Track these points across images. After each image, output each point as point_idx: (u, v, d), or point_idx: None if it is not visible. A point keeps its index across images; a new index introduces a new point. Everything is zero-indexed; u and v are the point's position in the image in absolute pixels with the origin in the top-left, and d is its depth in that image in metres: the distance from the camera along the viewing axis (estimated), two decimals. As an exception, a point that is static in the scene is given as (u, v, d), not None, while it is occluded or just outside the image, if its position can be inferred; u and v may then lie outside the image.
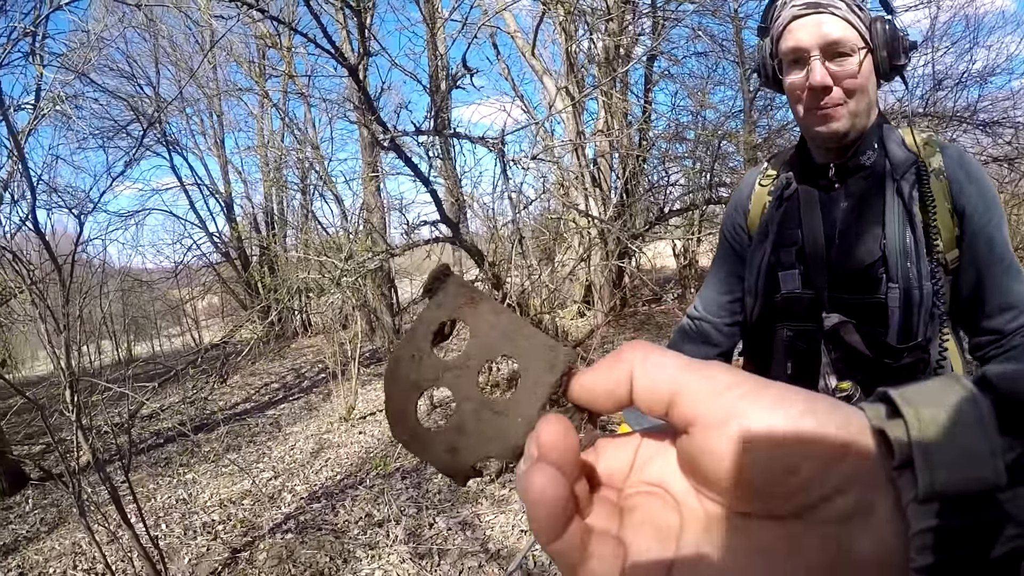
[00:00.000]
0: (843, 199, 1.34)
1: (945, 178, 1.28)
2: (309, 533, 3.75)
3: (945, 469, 0.24)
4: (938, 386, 0.27)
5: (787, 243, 1.37)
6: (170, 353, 11.87)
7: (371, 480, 4.44)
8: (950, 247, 1.27)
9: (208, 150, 13.36)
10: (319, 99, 10.38)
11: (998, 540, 0.24)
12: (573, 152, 7.63)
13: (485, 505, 3.93)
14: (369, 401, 6.65)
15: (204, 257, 12.81)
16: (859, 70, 1.24)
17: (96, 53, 8.15)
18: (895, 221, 1.26)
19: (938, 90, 6.99)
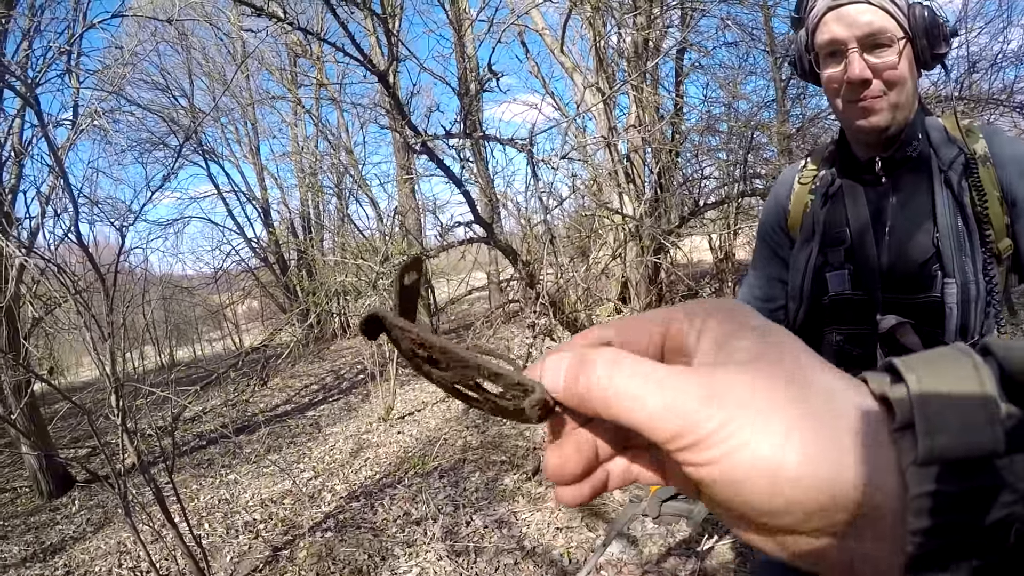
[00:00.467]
0: (891, 194, 1.28)
1: (992, 165, 1.23)
2: (348, 531, 3.80)
3: (944, 433, 0.25)
4: (941, 354, 0.27)
5: (834, 243, 1.31)
6: (211, 357, 12.10)
7: (409, 479, 4.48)
8: (1001, 236, 1.22)
9: (244, 157, 13.61)
10: (351, 104, 10.49)
11: (994, 506, 0.24)
12: (605, 148, 7.59)
13: (521, 503, 3.94)
14: (407, 401, 6.70)
15: (243, 262, 13.05)
16: (899, 61, 1.19)
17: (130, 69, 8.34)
18: (946, 214, 1.21)
19: (973, 72, 6.79)
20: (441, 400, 6.50)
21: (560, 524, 3.64)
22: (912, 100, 1.24)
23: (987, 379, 0.25)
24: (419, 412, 6.24)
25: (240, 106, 12.80)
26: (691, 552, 3.19)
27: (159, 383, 6.64)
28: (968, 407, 0.25)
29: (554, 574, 3.15)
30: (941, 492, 0.24)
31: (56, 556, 4.23)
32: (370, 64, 4.04)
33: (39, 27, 5.40)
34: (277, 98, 12.49)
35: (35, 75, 4.42)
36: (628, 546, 3.32)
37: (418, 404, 6.52)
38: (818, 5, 1.24)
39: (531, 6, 7.40)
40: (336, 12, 3.89)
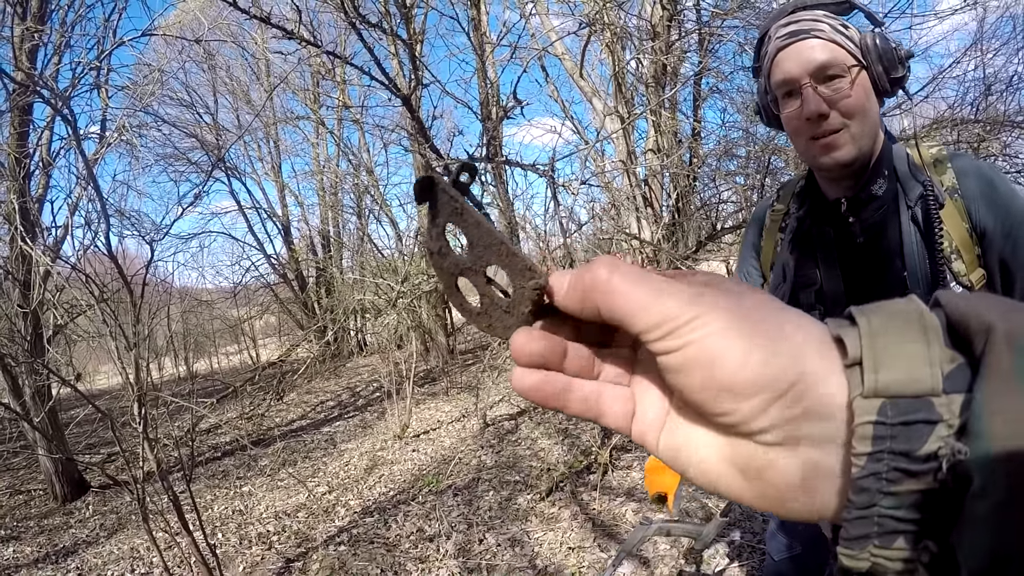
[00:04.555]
0: (859, 234, 1.28)
1: (960, 196, 1.22)
2: (361, 546, 3.82)
3: (887, 371, 0.28)
4: (894, 304, 0.31)
5: (806, 284, 1.33)
6: (228, 370, 12.19)
7: (423, 497, 4.50)
8: (973, 268, 1.21)
9: (266, 175, 13.79)
10: (373, 125, 10.61)
11: (929, 438, 0.26)
12: (624, 173, 7.62)
13: (534, 523, 3.95)
14: (423, 420, 6.73)
15: (262, 278, 13.16)
16: (853, 89, 1.19)
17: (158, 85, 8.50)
18: (914, 252, 1.21)
19: (989, 95, 6.76)
20: (456, 420, 6.52)
21: (572, 544, 3.64)
22: (875, 130, 1.24)
23: (930, 326, 0.29)
24: (434, 431, 6.26)
25: (263, 125, 12.98)
26: (702, 573, 3.19)
27: (177, 394, 6.71)
28: (911, 350, 0.28)
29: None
30: (882, 422, 0.27)
31: (68, 559, 4.27)
32: (395, 87, 4.11)
33: (69, 42, 5.53)
34: (300, 118, 12.68)
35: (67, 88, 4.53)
36: (639, 567, 3.31)
37: (433, 423, 6.54)
38: (770, 48, 1.27)
39: (555, 40, 7.50)
40: (363, 36, 3.97)
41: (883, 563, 0.28)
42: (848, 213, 1.27)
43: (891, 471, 0.27)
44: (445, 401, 7.52)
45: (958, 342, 0.28)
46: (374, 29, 4.21)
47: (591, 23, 5.37)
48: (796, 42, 1.22)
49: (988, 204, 1.20)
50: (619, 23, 6.77)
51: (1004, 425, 0.24)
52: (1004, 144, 6.65)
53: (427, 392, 8.19)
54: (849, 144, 1.21)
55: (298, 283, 12.76)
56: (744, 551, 3.34)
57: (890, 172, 1.25)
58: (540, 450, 5.21)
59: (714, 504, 3.90)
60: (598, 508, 4.03)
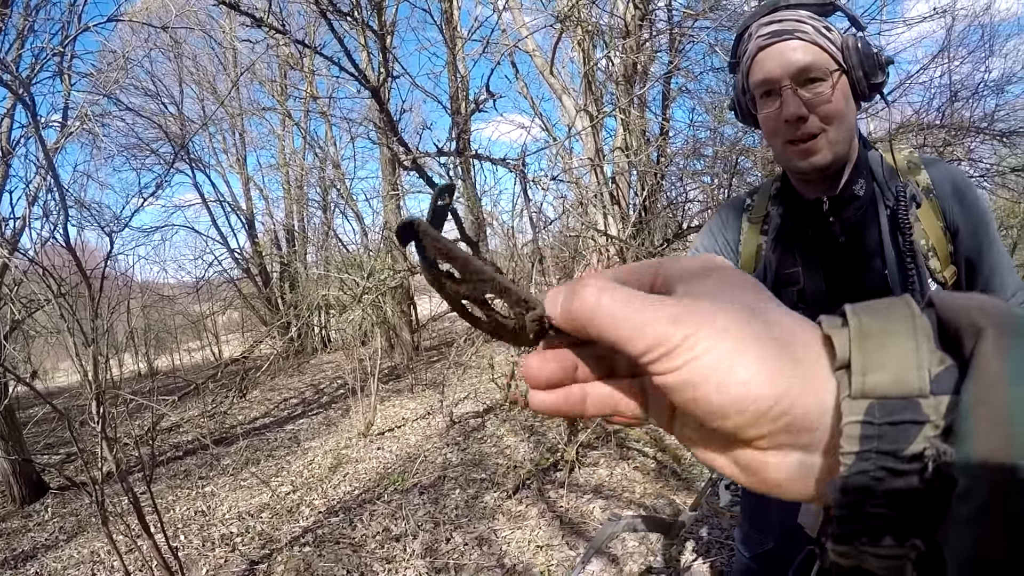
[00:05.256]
0: (840, 233, 1.29)
1: (935, 196, 1.26)
2: (327, 546, 3.77)
3: (875, 373, 0.28)
4: (888, 303, 0.31)
5: (788, 283, 1.32)
6: (190, 367, 11.99)
7: (388, 495, 4.45)
8: (946, 264, 1.26)
9: (230, 167, 13.58)
10: (340, 118, 10.50)
11: (915, 438, 0.27)
12: (592, 171, 7.64)
13: (501, 521, 3.93)
14: (388, 417, 6.68)
15: (225, 273, 12.97)
16: (833, 94, 1.19)
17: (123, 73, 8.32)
18: (894, 251, 1.24)
19: (955, 101, 6.91)
20: (421, 417, 6.48)
21: (540, 542, 3.63)
22: (851, 134, 1.25)
23: (920, 327, 0.29)
24: (399, 428, 6.21)
25: (229, 116, 12.78)
26: (671, 570, 3.20)
27: (138, 391, 6.58)
28: (899, 351, 0.28)
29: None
30: (869, 422, 0.27)
31: (28, 564, 4.16)
32: (364, 79, 4.05)
33: (33, 27, 5.38)
34: (267, 109, 12.51)
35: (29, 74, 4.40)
36: (609, 564, 3.32)
37: (398, 420, 6.50)
38: (751, 46, 1.25)
39: (526, 35, 7.48)
40: (333, 27, 3.90)
41: (872, 560, 0.28)
42: (830, 213, 1.28)
43: (878, 470, 0.27)
44: (410, 398, 7.48)
45: (949, 344, 0.29)
46: (344, 18, 4.14)
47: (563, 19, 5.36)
48: (778, 42, 1.21)
49: (960, 204, 1.24)
50: (591, 20, 6.78)
51: (989, 428, 0.25)
52: (968, 149, 6.80)
53: (392, 389, 8.14)
54: (826, 149, 1.22)
55: (262, 278, 12.59)
56: (712, 547, 3.36)
57: (868, 174, 1.27)
58: (506, 447, 5.20)
59: (681, 500, 3.93)
60: (565, 505, 4.03)
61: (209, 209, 12.63)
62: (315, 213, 13.60)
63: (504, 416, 5.62)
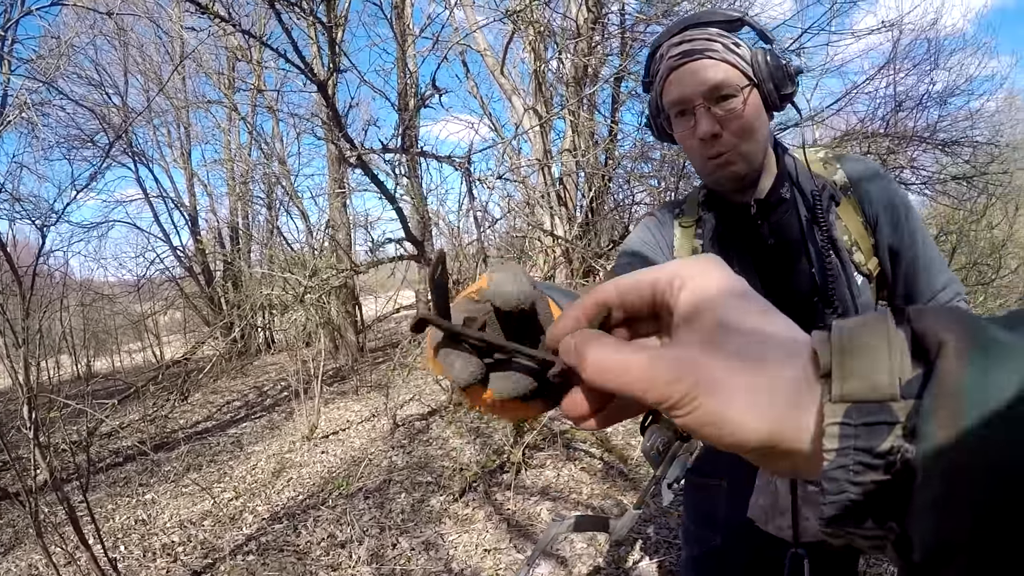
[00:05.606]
0: (768, 235, 1.35)
1: (852, 192, 1.32)
2: (271, 555, 3.71)
3: (852, 380, 0.32)
4: (867, 319, 0.35)
5: None
6: (131, 369, 11.64)
7: (333, 500, 4.40)
8: (869, 257, 1.32)
9: (174, 162, 13.19)
10: (287, 114, 10.35)
11: (887, 437, 0.31)
12: (539, 171, 7.67)
13: (449, 525, 3.93)
14: (332, 420, 6.60)
15: (167, 271, 12.63)
16: (745, 109, 1.23)
17: (65, 60, 8.07)
18: (819, 248, 1.29)
19: (899, 111, 7.12)
20: (366, 419, 6.43)
21: (488, 546, 3.64)
22: (765, 144, 1.31)
23: (894, 339, 0.33)
24: (343, 431, 6.15)
25: (174, 108, 12.45)
26: (619, 571, 3.23)
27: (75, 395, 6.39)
28: (874, 360, 0.32)
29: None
30: (847, 423, 0.32)
31: (-41, 579, 4.01)
32: (310, 72, 4.00)
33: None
34: (213, 102, 12.22)
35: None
36: (557, 567, 3.34)
37: (342, 423, 6.43)
38: (663, 67, 1.28)
39: (475, 28, 7.47)
40: (280, 17, 3.84)
41: (858, 540, 0.33)
42: (758, 216, 1.34)
43: (856, 464, 0.31)
44: (355, 400, 7.40)
45: (921, 354, 0.32)
46: (292, 9, 4.08)
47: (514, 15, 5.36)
48: (689, 62, 1.24)
49: (878, 198, 1.31)
50: (544, 21, 6.80)
51: (942, 428, 0.29)
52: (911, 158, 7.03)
53: (336, 391, 8.05)
54: (741, 161, 1.27)
55: (205, 277, 12.31)
56: (661, 547, 3.41)
57: (790, 176, 1.33)
58: (452, 450, 5.19)
59: (628, 501, 3.98)
60: (513, 508, 4.04)
61: (151, 205, 12.28)
62: (260, 211, 13.37)
63: (449, 418, 5.60)
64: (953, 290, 1.38)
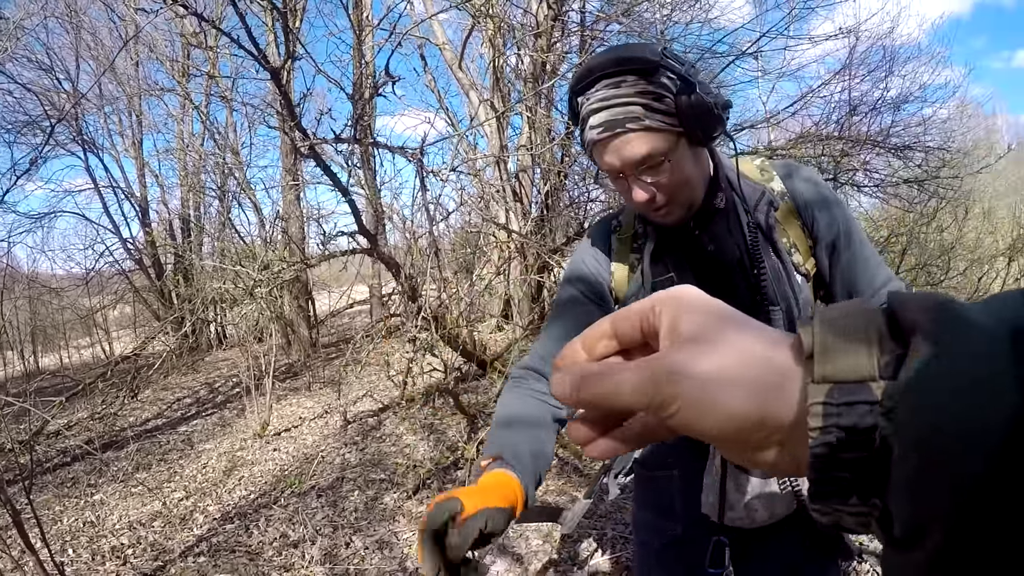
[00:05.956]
0: (708, 243, 1.37)
1: (789, 198, 1.36)
2: (222, 555, 3.68)
3: (833, 362, 0.34)
4: (848, 304, 0.37)
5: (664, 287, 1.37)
6: (79, 365, 11.37)
7: (285, 499, 4.38)
8: (807, 258, 1.37)
9: (125, 151, 12.88)
10: (242, 103, 10.18)
11: (867, 416, 0.32)
12: (495, 166, 7.68)
13: (402, 523, 3.94)
14: (284, 417, 6.55)
15: (117, 264, 12.36)
16: (674, 169, 1.23)
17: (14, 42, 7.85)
18: (761, 253, 1.32)
19: (853, 115, 7.28)
20: (319, 416, 6.39)
21: (440, 544, 3.65)
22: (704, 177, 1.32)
23: (873, 322, 0.35)
24: (296, 428, 6.11)
25: (126, 95, 12.15)
26: (574, 567, 3.27)
27: (20, 392, 6.22)
28: (855, 343, 0.34)
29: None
30: (829, 403, 0.33)
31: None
32: (264, 59, 3.93)
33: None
34: (166, 90, 11.97)
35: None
36: (513, 563, 3.37)
37: (295, 420, 6.38)
38: (588, 135, 1.24)
39: (434, 14, 7.43)
40: (235, 1, 3.77)
41: (843, 516, 0.34)
42: (695, 227, 1.36)
43: (838, 442, 0.33)
44: (307, 396, 7.35)
45: (898, 335, 0.34)
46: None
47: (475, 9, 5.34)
48: (611, 138, 1.21)
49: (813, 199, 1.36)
50: (504, 16, 6.80)
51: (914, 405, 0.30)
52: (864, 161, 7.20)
53: (289, 387, 7.99)
54: (680, 209, 1.31)
55: (155, 270, 12.07)
56: (617, 543, 3.45)
57: (726, 185, 1.36)
58: (405, 446, 5.19)
59: (582, 495, 4.03)
60: (466, 506, 4.05)
61: (101, 195, 12.00)
62: (212, 202, 13.13)
63: (403, 415, 5.59)
64: (894, 287, 1.42)
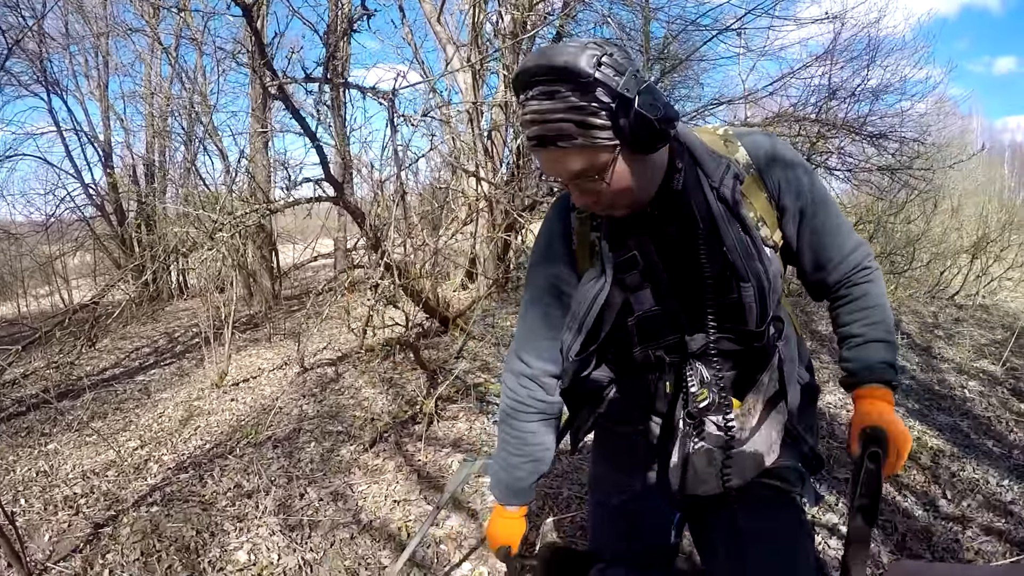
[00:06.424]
0: (667, 224, 1.33)
1: (755, 170, 1.34)
2: (175, 505, 3.65)
3: None
4: None
5: (629, 267, 1.35)
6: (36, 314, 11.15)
7: (241, 449, 4.35)
8: (774, 230, 1.36)
9: (90, 94, 12.46)
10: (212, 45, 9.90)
11: None
12: (468, 124, 7.60)
13: (358, 475, 3.94)
14: (243, 367, 6.50)
15: (78, 210, 12.06)
16: (612, 182, 1.18)
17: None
18: (728, 229, 1.28)
19: (832, 100, 7.28)
20: (278, 367, 6.35)
21: (398, 497, 3.67)
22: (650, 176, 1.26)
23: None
24: (255, 379, 6.07)
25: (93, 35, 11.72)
26: (531, 528, 3.30)
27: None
28: None
29: (392, 548, 3.16)
30: None
31: None
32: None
33: None
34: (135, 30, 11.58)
35: None
36: (467, 519, 3.40)
37: (254, 371, 6.33)
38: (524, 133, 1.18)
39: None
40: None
41: None
42: (653, 210, 1.32)
43: None
44: (268, 348, 7.28)
45: None
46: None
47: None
48: (543, 151, 1.17)
49: (777, 169, 1.35)
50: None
51: None
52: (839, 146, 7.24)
53: (249, 338, 7.91)
54: (624, 208, 1.28)
55: (117, 217, 11.81)
56: (573, 502, 3.49)
57: (687, 160, 1.30)
58: (364, 399, 5.18)
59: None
60: (423, 459, 4.08)
61: (64, 138, 11.64)
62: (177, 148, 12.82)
63: (363, 368, 5.58)
64: (863, 252, 1.45)
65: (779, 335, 1.38)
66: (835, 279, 1.46)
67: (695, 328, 1.36)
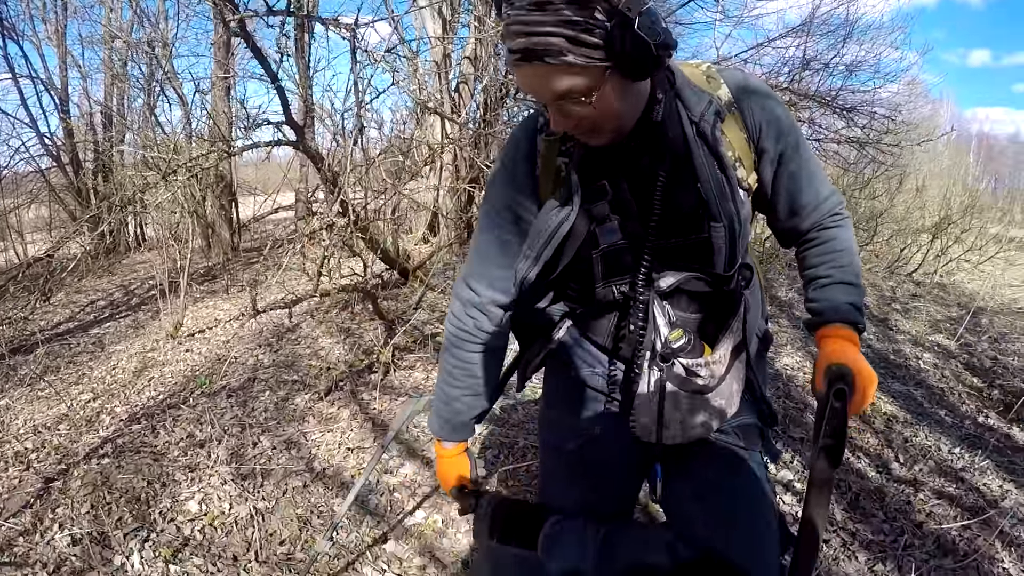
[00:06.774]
0: (643, 154, 1.27)
1: (736, 109, 1.29)
2: (126, 457, 3.61)
3: None
4: None
5: (597, 197, 1.30)
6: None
7: (194, 399, 4.31)
8: (750, 171, 1.32)
9: (48, 39, 11.97)
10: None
11: None
12: (435, 77, 7.46)
13: (312, 423, 3.94)
14: (199, 318, 6.42)
15: (33, 161, 11.71)
16: (597, 107, 1.11)
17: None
18: (705, 165, 1.25)
19: (805, 70, 7.24)
20: (235, 318, 6.29)
21: (351, 444, 3.68)
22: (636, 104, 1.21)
23: None
24: (211, 330, 6.00)
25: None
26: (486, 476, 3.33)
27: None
28: None
29: (344, 496, 3.16)
30: None
31: None
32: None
33: None
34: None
35: None
36: (422, 467, 3.42)
37: (210, 321, 6.26)
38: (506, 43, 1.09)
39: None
40: None
41: None
42: (629, 141, 1.26)
43: None
44: (225, 299, 7.20)
45: None
46: None
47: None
48: (527, 66, 1.07)
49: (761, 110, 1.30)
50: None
51: None
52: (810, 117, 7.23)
53: (207, 290, 7.82)
54: (606, 134, 1.21)
55: (73, 167, 11.49)
56: (528, 452, 3.51)
57: (667, 91, 1.25)
58: (320, 349, 5.16)
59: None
60: (378, 408, 4.08)
61: (19, 86, 11.23)
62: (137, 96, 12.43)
63: (321, 318, 5.52)
64: (836, 199, 1.44)
65: (747, 284, 1.38)
66: (808, 225, 1.43)
67: (664, 266, 1.33)
